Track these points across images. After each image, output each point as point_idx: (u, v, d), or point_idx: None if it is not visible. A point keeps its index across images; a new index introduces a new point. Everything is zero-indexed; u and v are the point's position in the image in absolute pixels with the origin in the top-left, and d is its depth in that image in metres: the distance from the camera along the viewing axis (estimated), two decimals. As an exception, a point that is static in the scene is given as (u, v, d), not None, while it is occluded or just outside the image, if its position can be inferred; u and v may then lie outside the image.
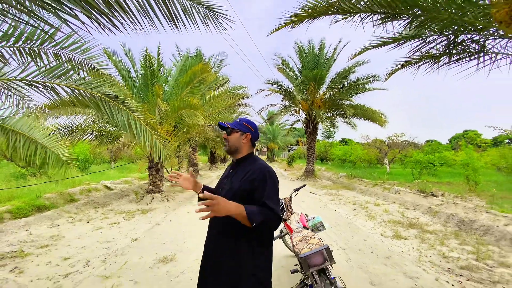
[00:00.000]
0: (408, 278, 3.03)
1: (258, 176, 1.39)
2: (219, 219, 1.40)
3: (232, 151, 1.56)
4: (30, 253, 3.86)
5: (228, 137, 1.56)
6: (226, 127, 1.56)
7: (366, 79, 12.44)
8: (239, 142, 1.54)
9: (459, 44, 3.63)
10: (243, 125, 1.57)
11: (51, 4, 1.99)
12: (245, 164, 1.52)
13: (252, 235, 1.36)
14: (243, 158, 1.55)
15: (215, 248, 1.44)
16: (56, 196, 7.20)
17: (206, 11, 2.23)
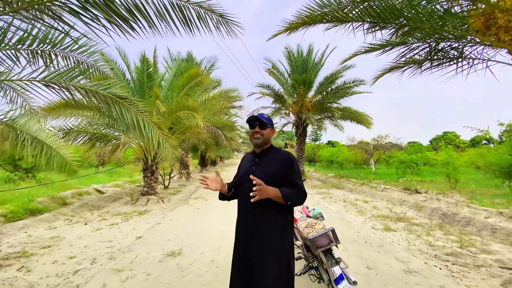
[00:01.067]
0: (400, 262, 3.32)
1: (286, 162, 1.67)
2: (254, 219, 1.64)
3: (263, 144, 1.75)
4: (33, 253, 3.87)
5: (263, 131, 1.73)
6: (265, 122, 1.73)
7: (352, 83, 12.97)
8: (270, 136, 1.77)
9: (440, 50, 4.02)
10: (271, 122, 1.79)
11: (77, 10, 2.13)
12: (272, 153, 1.75)
13: (284, 209, 1.63)
14: (268, 148, 1.78)
15: (254, 219, 1.63)
16: (48, 200, 7.10)
17: (218, 18, 2.45)
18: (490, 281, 2.97)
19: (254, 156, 1.82)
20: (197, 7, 2.35)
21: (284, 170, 1.64)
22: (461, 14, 3.21)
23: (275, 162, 1.68)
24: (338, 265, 2.16)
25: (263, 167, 1.70)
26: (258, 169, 1.70)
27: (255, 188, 1.41)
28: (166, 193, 9.33)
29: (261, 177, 1.59)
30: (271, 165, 1.69)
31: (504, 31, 2.67)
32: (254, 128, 1.74)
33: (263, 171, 1.66)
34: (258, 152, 1.79)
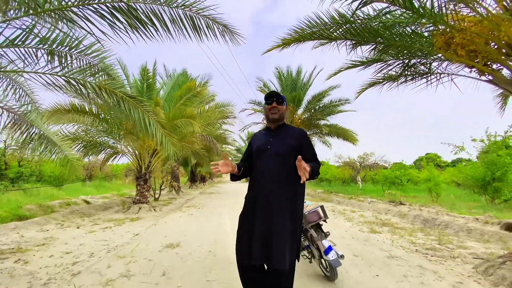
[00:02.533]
0: (383, 251, 3.61)
1: (305, 137, 1.89)
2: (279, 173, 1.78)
3: (279, 119, 1.90)
4: (29, 249, 3.90)
5: (280, 106, 1.89)
6: (282, 98, 1.89)
7: (338, 101, 13.77)
8: (285, 112, 1.94)
9: (412, 66, 4.61)
10: (285, 100, 1.98)
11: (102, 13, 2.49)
12: (286, 129, 1.93)
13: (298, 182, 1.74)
14: (282, 125, 1.95)
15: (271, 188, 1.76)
16: (36, 208, 7.01)
17: (223, 28, 2.87)
18: (464, 266, 3.29)
19: (268, 132, 1.95)
20: (206, 18, 2.78)
21: (304, 145, 1.84)
22: (425, 34, 3.80)
23: (293, 136, 1.86)
24: (326, 239, 2.44)
25: (281, 140, 1.84)
26: (277, 141, 1.84)
27: (303, 168, 1.54)
28: (157, 204, 9.32)
29: (281, 148, 1.78)
30: (289, 138, 1.84)
31: (461, 47, 3.23)
32: (272, 104, 1.88)
33: (282, 143, 1.82)
34: (273, 128, 1.93)
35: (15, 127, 3.31)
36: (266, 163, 1.81)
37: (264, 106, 2.03)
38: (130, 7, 2.51)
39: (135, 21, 2.56)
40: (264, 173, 1.80)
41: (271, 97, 1.89)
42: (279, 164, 1.78)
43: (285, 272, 1.70)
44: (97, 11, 2.46)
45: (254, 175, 1.88)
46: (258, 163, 1.86)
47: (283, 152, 1.79)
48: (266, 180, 1.78)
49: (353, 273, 2.77)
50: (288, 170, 1.75)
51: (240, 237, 1.82)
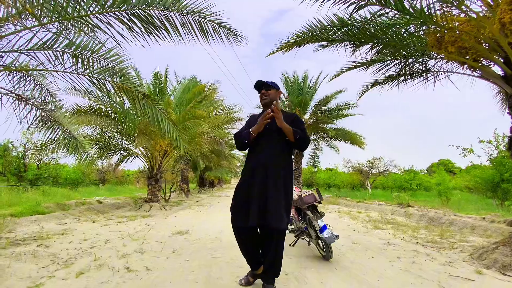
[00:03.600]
0: (382, 240, 3.75)
1: (294, 117, 2.15)
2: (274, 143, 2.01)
3: (271, 103, 2.04)
4: (49, 237, 4.22)
5: (269, 91, 2.09)
6: (267, 83, 2.08)
7: (345, 105, 13.92)
8: (275, 96, 2.12)
9: (409, 65, 4.81)
10: (275, 84, 2.16)
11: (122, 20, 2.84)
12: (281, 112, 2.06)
13: (290, 152, 2.10)
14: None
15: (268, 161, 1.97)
16: (54, 206, 7.41)
17: (227, 31, 3.19)
18: (460, 254, 3.39)
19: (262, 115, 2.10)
20: (213, 22, 3.11)
21: (295, 121, 2.07)
22: (420, 34, 4.02)
23: (286, 117, 2.05)
24: (321, 219, 2.64)
25: (272, 129, 2.02)
26: (272, 121, 1.98)
27: (275, 111, 1.83)
28: (167, 204, 9.64)
29: (275, 127, 1.97)
30: (283, 118, 1.98)
31: (451, 44, 3.43)
32: (260, 92, 2.11)
33: (273, 133, 2.02)
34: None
35: (42, 123, 3.70)
36: (265, 140, 2.02)
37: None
38: (146, 14, 2.87)
39: (150, 25, 2.91)
40: (263, 148, 2.01)
41: (259, 86, 2.11)
42: (276, 140, 2.00)
43: (283, 232, 1.94)
44: (118, 17, 2.83)
45: (253, 150, 2.08)
46: (256, 139, 2.04)
47: (275, 130, 1.99)
48: (265, 154, 1.99)
49: (349, 256, 2.95)
50: (282, 147, 1.99)
51: (236, 202, 2.01)
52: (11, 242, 3.80)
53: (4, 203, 6.91)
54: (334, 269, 2.49)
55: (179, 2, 2.99)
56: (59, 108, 4.05)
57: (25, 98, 3.24)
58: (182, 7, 3.00)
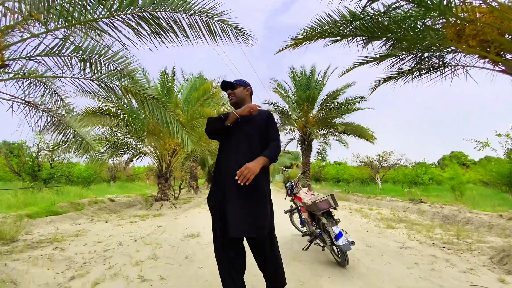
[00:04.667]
0: (397, 243, 3.65)
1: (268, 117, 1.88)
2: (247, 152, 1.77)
3: (238, 102, 1.90)
4: (64, 239, 4.30)
5: (234, 91, 1.91)
6: (232, 83, 1.90)
7: (354, 99, 13.63)
8: (243, 94, 1.93)
9: (425, 59, 4.60)
10: (243, 82, 1.96)
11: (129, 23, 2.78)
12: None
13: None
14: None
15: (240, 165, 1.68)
16: (68, 205, 7.56)
17: (236, 30, 3.09)
18: (480, 257, 3.27)
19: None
20: (221, 22, 3.01)
21: (269, 124, 1.85)
22: (437, 26, 3.81)
23: (256, 121, 1.85)
24: (337, 225, 2.56)
25: (242, 128, 1.84)
26: (238, 130, 1.83)
27: (241, 178, 1.54)
28: (177, 202, 9.72)
29: (243, 137, 1.80)
30: (252, 124, 1.84)
31: (472, 38, 3.24)
32: (227, 91, 1.95)
33: (244, 132, 1.82)
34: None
35: (53, 128, 3.71)
36: (236, 142, 1.81)
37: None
38: (153, 16, 2.79)
39: (158, 28, 2.84)
40: (234, 151, 1.80)
41: (224, 87, 1.95)
42: (247, 143, 1.80)
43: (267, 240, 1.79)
44: (124, 21, 2.76)
45: (224, 150, 1.87)
46: (227, 141, 1.86)
47: (251, 132, 1.81)
48: (236, 157, 1.76)
49: (365, 261, 2.87)
50: (254, 148, 1.77)
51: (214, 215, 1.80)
52: (28, 245, 3.88)
53: (20, 203, 7.09)
54: (350, 277, 2.42)
55: (186, 2, 2.91)
56: (70, 112, 4.06)
57: (35, 104, 3.24)
58: (189, 8, 2.91)
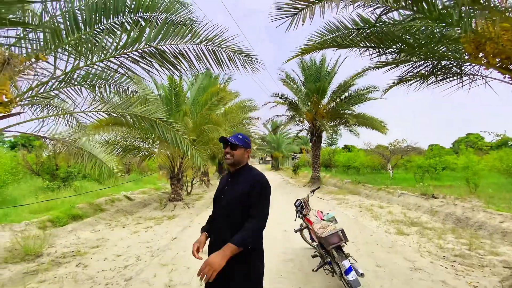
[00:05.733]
0: (407, 261, 3.68)
1: (255, 184, 1.66)
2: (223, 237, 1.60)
3: (235, 164, 1.74)
4: (86, 252, 4.55)
5: (234, 152, 1.73)
6: (235, 144, 1.72)
7: (366, 89, 13.23)
8: (243, 156, 1.76)
9: (442, 67, 4.38)
10: (245, 142, 1.77)
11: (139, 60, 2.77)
12: (244, 173, 1.76)
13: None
14: (241, 168, 1.78)
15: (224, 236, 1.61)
16: (86, 206, 7.92)
17: (245, 58, 3.02)
18: (491, 278, 3.27)
19: (228, 176, 1.85)
20: (228, 50, 2.94)
21: (252, 191, 1.65)
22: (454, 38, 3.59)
23: (245, 183, 1.69)
24: (347, 259, 2.61)
25: (233, 187, 1.73)
26: (229, 190, 1.75)
27: (204, 272, 1.41)
28: (190, 199, 10.00)
29: (230, 198, 1.68)
30: (241, 185, 1.70)
31: (492, 55, 3.05)
32: (225, 148, 1.75)
33: (232, 191, 1.71)
34: (232, 171, 1.80)
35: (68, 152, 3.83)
36: (220, 218, 1.73)
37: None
38: (158, 50, 2.76)
39: (165, 62, 2.81)
40: (218, 230, 1.71)
41: (224, 142, 1.76)
42: (229, 220, 1.66)
43: None
44: (129, 57, 2.75)
45: (212, 229, 1.78)
46: (215, 217, 1.79)
47: (231, 206, 1.67)
48: (219, 231, 1.69)
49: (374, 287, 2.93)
50: (236, 226, 1.62)
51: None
52: (52, 260, 4.14)
53: (42, 207, 7.49)
54: (359, 310, 2.49)
55: (192, 30, 2.85)
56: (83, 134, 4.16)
57: (50, 138, 3.34)
58: (196, 37, 2.86)
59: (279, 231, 5.28)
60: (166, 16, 3.20)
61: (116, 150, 8.12)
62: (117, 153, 8.28)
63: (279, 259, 3.89)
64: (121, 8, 2.92)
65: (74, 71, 2.99)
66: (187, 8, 3.40)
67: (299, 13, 3.19)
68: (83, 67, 2.69)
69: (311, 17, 3.33)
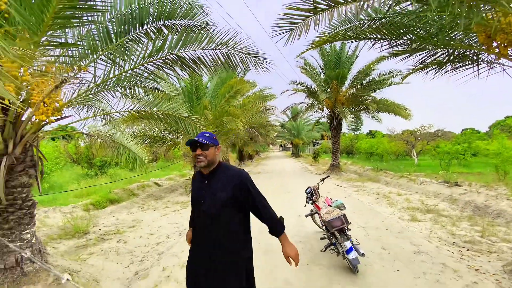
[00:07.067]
0: (413, 245, 3.89)
1: (240, 184, 1.60)
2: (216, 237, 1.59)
3: (210, 165, 1.63)
4: (124, 231, 5.26)
5: (206, 152, 1.59)
6: (205, 143, 1.59)
7: (388, 74, 12.81)
8: (214, 155, 1.64)
9: (458, 55, 4.32)
10: (214, 139, 1.66)
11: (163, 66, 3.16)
12: (220, 173, 1.65)
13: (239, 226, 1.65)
14: (216, 168, 1.67)
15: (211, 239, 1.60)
16: (121, 192, 8.81)
17: (256, 59, 3.30)
18: (495, 263, 3.41)
19: (202, 177, 1.71)
20: (241, 52, 3.24)
21: (240, 194, 1.59)
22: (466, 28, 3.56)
23: (225, 185, 1.59)
24: (349, 240, 2.92)
25: (212, 192, 1.61)
26: (208, 194, 1.62)
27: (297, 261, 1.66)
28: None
29: (212, 204, 1.57)
30: (220, 189, 1.59)
31: (503, 46, 3.04)
32: (195, 151, 1.61)
33: (213, 197, 1.60)
34: (205, 173, 1.69)
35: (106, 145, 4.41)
36: (203, 224, 1.64)
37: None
38: (179, 56, 3.13)
39: (185, 66, 3.18)
40: (202, 236, 1.64)
41: (192, 145, 1.63)
42: (214, 226, 1.59)
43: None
44: (154, 63, 3.15)
45: (195, 232, 1.73)
46: (196, 219, 1.72)
47: (214, 211, 1.58)
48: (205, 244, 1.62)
49: (376, 267, 3.22)
50: (223, 232, 1.59)
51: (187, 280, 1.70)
52: (97, 237, 4.87)
53: (83, 192, 8.47)
54: (358, 286, 2.81)
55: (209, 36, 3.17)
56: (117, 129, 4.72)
57: (92, 134, 3.91)
58: (211, 43, 3.18)
59: (294, 216, 5.64)
60: (185, 21, 3.54)
61: (144, 141, 8.84)
62: (145, 143, 9.01)
63: (292, 240, 4.26)
64: (146, 18, 3.30)
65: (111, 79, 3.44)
66: (203, 11, 3.72)
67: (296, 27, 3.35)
68: (118, 75, 3.13)
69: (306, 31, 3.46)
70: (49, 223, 5.42)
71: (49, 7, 2.14)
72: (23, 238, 2.90)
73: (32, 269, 2.90)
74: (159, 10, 3.34)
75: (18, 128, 2.72)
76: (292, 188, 9.75)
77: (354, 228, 4.76)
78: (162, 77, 5.58)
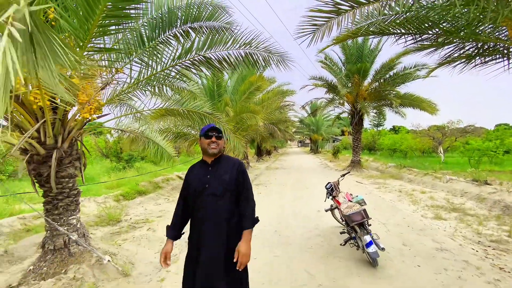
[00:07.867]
0: (435, 243, 3.87)
1: (237, 170, 1.84)
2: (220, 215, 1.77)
3: (219, 153, 1.85)
4: (153, 220, 5.63)
5: (219, 141, 1.83)
6: (221, 133, 1.87)
7: (413, 67, 12.33)
8: (222, 146, 1.89)
9: (487, 49, 4.16)
10: (223, 134, 2.01)
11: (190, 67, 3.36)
12: (223, 161, 1.88)
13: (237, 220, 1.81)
14: (220, 157, 1.89)
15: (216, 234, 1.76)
16: (147, 184, 9.33)
17: (278, 57, 3.42)
18: (522, 264, 3.32)
19: (205, 165, 1.89)
20: (263, 52, 3.38)
21: (239, 177, 1.82)
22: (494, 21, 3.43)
23: (229, 170, 1.82)
24: (368, 235, 2.99)
25: (218, 174, 1.81)
26: (214, 179, 1.81)
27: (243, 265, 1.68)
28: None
29: (219, 184, 1.77)
30: (225, 171, 1.82)
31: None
32: (211, 138, 1.80)
33: (220, 178, 1.80)
34: (210, 162, 1.87)
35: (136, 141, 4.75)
36: (206, 205, 1.78)
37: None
38: (206, 57, 3.32)
39: (211, 67, 3.37)
40: (205, 216, 1.78)
41: (211, 131, 1.83)
42: (218, 205, 1.77)
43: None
44: (183, 65, 3.37)
45: (195, 217, 1.87)
46: (197, 205, 1.82)
47: (219, 192, 1.78)
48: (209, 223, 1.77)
49: (396, 262, 3.26)
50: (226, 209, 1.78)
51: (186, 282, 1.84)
52: (129, 225, 5.27)
53: (114, 184, 9.07)
54: (378, 278, 2.89)
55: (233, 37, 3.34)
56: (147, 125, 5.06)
57: (126, 130, 4.24)
58: (235, 43, 3.34)
59: (313, 212, 5.73)
60: (210, 23, 3.73)
61: (168, 137, 9.27)
62: (169, 138, 9.45)
63: (311, 234, 4.39)
64: (174, 21, 3.52)
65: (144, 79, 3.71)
66: (226, 12, 3.88)
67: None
68: (150, 75, 3.39)
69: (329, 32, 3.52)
70: (85, 211, 5.92)
71: (94, 16, 2.40)
72: (70, 223, 3.26)
73: (78, 250, 3.26)
74: (186, 13, 3.55)
75: (66, 125, 3.05)
76: (310, 183, 9.79)
77: (375, 224, 4.78)
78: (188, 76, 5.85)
